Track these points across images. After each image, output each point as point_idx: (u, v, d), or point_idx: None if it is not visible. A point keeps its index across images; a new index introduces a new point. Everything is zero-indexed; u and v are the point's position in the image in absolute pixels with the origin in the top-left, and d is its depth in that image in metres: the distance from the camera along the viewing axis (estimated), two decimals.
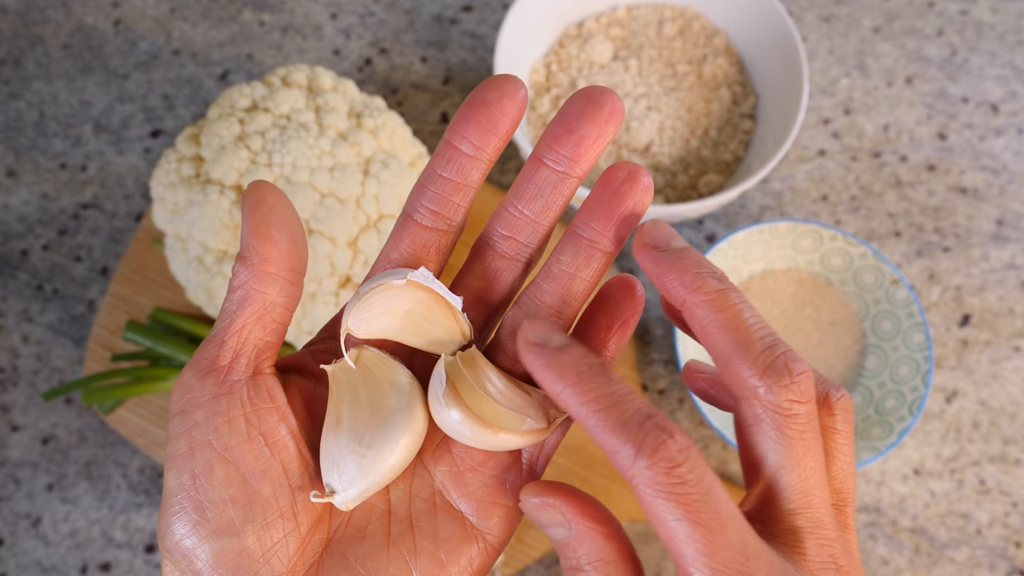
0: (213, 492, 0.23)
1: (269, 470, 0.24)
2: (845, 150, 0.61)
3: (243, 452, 0.23)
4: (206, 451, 0.23)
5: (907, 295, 0.51)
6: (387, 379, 0.25)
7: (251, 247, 0.24)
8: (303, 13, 0.65)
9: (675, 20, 0.59)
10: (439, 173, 0.25)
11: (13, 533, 0.53)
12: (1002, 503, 0.53)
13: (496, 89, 0.24)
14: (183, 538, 0.23)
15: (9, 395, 0.56)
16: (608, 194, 0.24)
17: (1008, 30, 0.64)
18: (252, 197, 0.24)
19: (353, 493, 0.23)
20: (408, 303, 0.25)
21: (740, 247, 0.53)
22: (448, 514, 0.25)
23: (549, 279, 0.25)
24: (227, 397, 0.24)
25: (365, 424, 0.24)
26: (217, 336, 0.24)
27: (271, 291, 0.24)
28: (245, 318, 0.24)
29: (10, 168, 0.61)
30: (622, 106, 0.24)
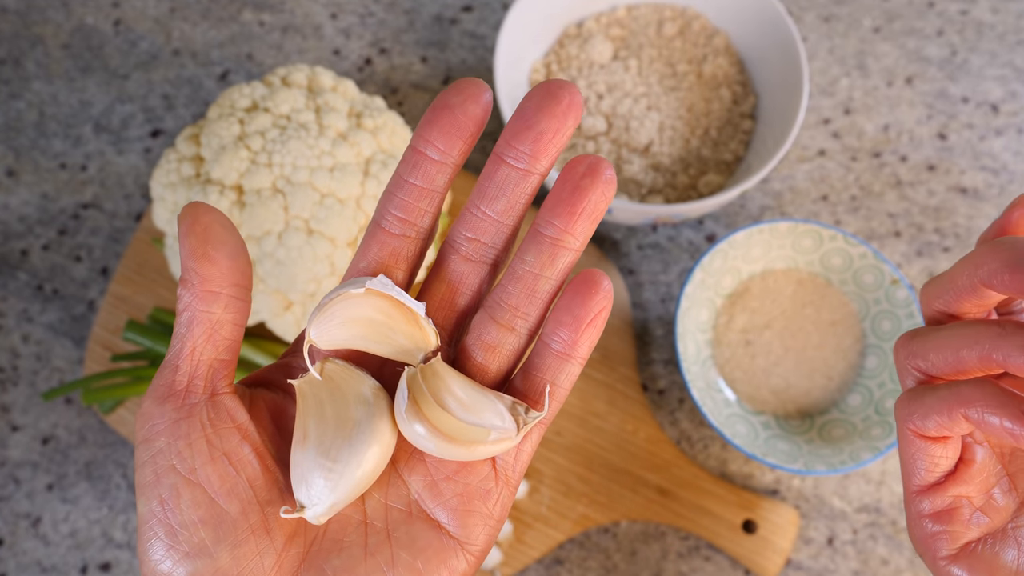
0: (182, 515, 0.23)
1: (235, 488, 0.24)
2: (845, 150, 0.61)
3: (208, 473, 0.23)
4: (171, 476, 0.23)
5: (907, 295, 0.51)
6: (352, 391, 0.25)
7: (190, 269, 0.24)
8: (303, 13, 0.65)
9: (675, 20, 0.59)
10: (406, 179, 0.25)
11: (13, 533, 0.53)
12: None
13: (460, 92, 0.24)
14: (159, 563, 0.23)
15: (9, 395, 0.56)
16: (569, 189, 0.24)
17: (1008, 30, 0.64)
18: (186, 219, 0.24)
19: (322, 508, 0.24)
20: (369, 311, 0.25)
21: (740, 247, 0.53)
22: (425, 523, 0.25)
23: (514, 280, 0.25)
24: (187, 421, 0.24)
25: (332, 438, 0.24)
26: (171, 361, 0.24)
27: (216, 310, 0.24)
28: (195, 340, 0.24)
29: (10, 168, 0.61)
30: (580, 98, 0.24)
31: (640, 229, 0.59)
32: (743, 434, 0.51)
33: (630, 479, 0.53)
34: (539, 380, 0.25)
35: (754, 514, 0.52)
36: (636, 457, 0.53)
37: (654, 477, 0.53)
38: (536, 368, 0.25)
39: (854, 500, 0.54)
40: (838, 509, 0.53)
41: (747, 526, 0.52)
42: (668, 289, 0.58)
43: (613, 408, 0.54)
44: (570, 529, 0.52)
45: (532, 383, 0.25)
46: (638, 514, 0.52)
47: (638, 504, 0.52)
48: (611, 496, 0.52)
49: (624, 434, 0.53)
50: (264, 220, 0.44)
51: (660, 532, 0.53)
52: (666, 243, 0.59)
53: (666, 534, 0.53)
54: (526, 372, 0.25)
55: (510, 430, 0.24)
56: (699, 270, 0.51)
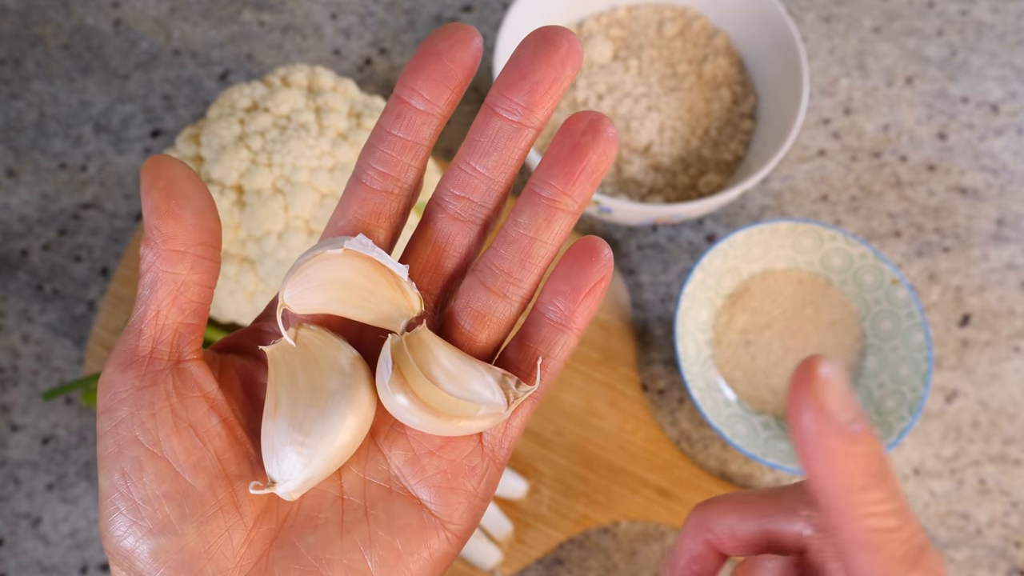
0: (145, 490, 0.22)
1: (202, 462, 0.22)
2: (845, 150, 0.61)
3: (172, 445, 0.22)
4: (134, 448, 0.22)
5: (907, 295, 0.51)
6: (328, 360, 0.23)
7: (153, 227, 0.22)
8: (303, 13, 0.65)
9: (675, 20, 0.59)
10: (388, 131, 0.23)
11: (13, 533, 0.53)
12: (1002, 503, 0.53)
13: (447, 38, 0.22)
14: (121, 539, 0.22)
15: (9, 395, 0.56)
16: (568, 147, 0.22)
17: (1008, 30, 0.64)
18: (149, 173, 0.22)
19: (295, 484, 0.22)
20: (348, 274, 0.23)
21: (740, 247, 0.53)
22: (405, 501, 0.23)
23: (507, 243, 0.23)
24: (151, 389, 0.22)
25: (305, 409, 0.22)
26: (134, 325, 0.23)
27: (181, 270, 0.22)
28: (159, 302, 0.22)
29: (10, 168, 0.61)
30: (579, 46, 0.22)
31: (640, 229, 0.59)
32: (743, 434, 0.51)
33: (630, 479, 0.53)
34: (532, 351, 0.24)
35: None
36: (636, 457, 0.53)
37: (654, 477, 0.53)
38: (530, 338, 0.24)
39: None
40: None
41: None
42: (668, 289, 0.58)
43: (613, 408, 0.54)
44: (570, 529, 0.52)
45: (525, 354, 0.24)
46: (638, 514, 0.52)
47: (638, 504, 0.52)
48: (611, 496, 0.52)
49: (624, 434, 0.53)
50: (264, 220, 0.44)
51: (660, 532, 0.53)
52: (666, 243, 0.59)
53: (666, 534, 0.53)
54: (519, 342, 0.24)
55: (500, 405, 0.23)
56: (699, 270, 0.51)
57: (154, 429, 0.22)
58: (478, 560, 0.50)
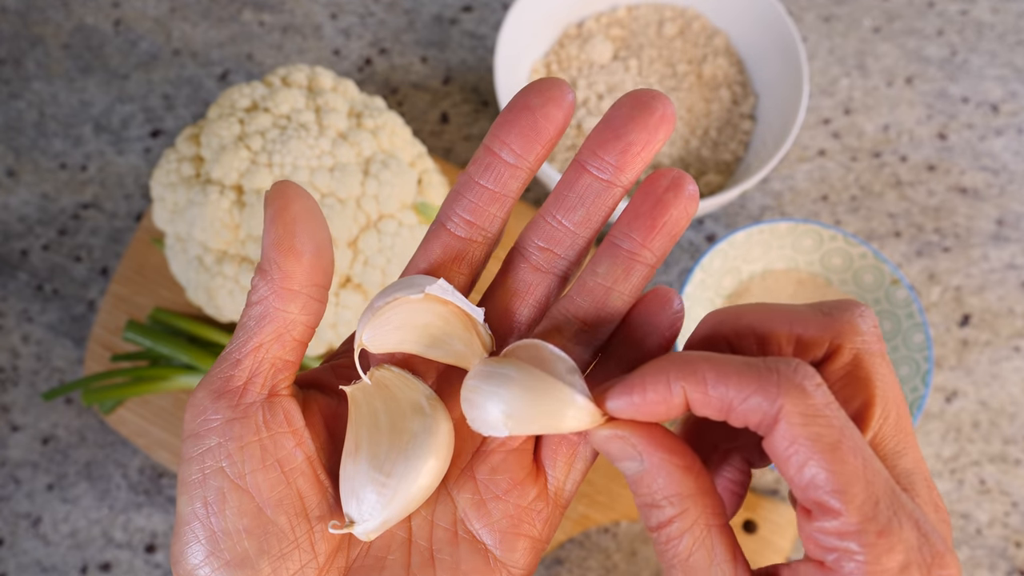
0: (226, 522, 0.22)
1: (285, 499, 0.22)
2: (845, 150, 0.61)
3: (258, 480, 0.22)
4: (219, 478, 0.22)
5: (907, 295, 0.51)
6: (408, 401, 0.23)
7: (272, 261, 0.22)
8: (303, 13, 0.65)
9: (675, 20, 0.59)
10: (477, 181, 0.23)
11: (13, 533, 0.53)
12: (1002, 503, 0.53)
13: (541, 93, 0.22)
14: (197, 568, 0.22)
15: (9, 395, 0.56)
16: (650, 203, 0.23)
17: (1008, 30, 0.64)
18: (276, 202, 0.22)
19: (373, 524, 0.22)
20: (427, 317, 0.23)
21: (740, 247, 0.53)
22: (470, 545, 0.24)
23: (583, 292, 0.24)
24: (241, 421, 0.22)
25: (386, 450, 0.23)
26: (232, 354, 0.23)
27: (292, 309, 0.22)
28: (263, 336, 0.22)
29: (10, 168, 0.61)
30: (674, 111, 0.22)
31: None
32: None
33: None
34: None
35: (754, 514, 0.52)
36: None
37: None
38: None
39: None
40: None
41: (747, 526, 0.52)
42: None
43: None
44: (570, 529, 0.52)
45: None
46: (638, 514, 0.52)
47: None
48: (611, 496, 0.52)
49: None
50: None
51: None
52: None
53: None
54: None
55: (592, 409, 0.22)
56: (699, 270, 0.51)
57: (241, 462, 0.22)
58: None
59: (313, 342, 0.49)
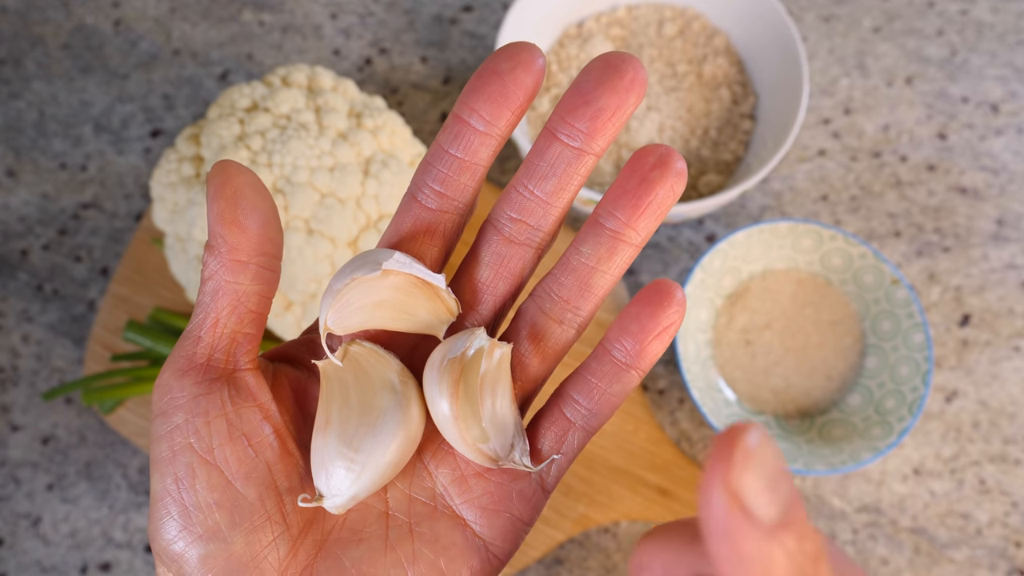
0: (197, 497, 0.22)
1: (254, 472, 0.23)
2: (845, 150, 0.61)
3: (226, 454, 0.22)
4: (187, 454, 0.22)
5: (907, 295, 0.51)
6: (379, 377, 0.23)
7: (218, 235, 0.22)
8: (303, 13, 0.65)
9: (675, 20, 0.59)
10: (446, 150, 0.23)
11: (13, 533, 0.53)
12: (1002, 503, 0.53)
13: (510, 58, 0.22)
14: (172, 542, 0.22)
15: (9, 395, 0.56)
16: (636, 180, 0.22)
17: (1008, 30, 0.64)
18: (217, 179, 0.22)
19: (343, 499, 0.23)
20: (388, 292, 0.23)
21: (740, 247, 0.53)
22: (450, 520, 0.24)
23: (567, 271, 0.23)
24: (207, 397, 0.22)
25: (355, 426, 0.23)
26: (192, 332, 0.23)
27: (243, 280, 0.23)
28: (219, 311, 0.23)
29: (10, 168, 0.61)
30: (645, 74, 0.21)
31: None
32: None
33: (630, 479, 0.53)
34: (594, 386, 0.24)
35: None
36: (636, 457, 0.53)
37: (654, 477, 0.53)
38: (592, 373, 0.24)
39: (854, 500, 0.54)
40: (838, 509, 0.53)
41: None
42: None
43: None
44: (570, 529, 0.52)
45: (585, 387, 0.24)
46: (638, 514, 0.52)
47: (638, 504, 0.52)
48: (611, 496, 0.52)
49: (624, 434, 0.53)
50: None
51: None
52: (666, 243, 0.59)
53: None
54: (581, 375, 0.24)
55: (525, 466, 0.23)
56: (699, 270, 0.51)
57: (208, 437, 0.22)
58: None
59: None
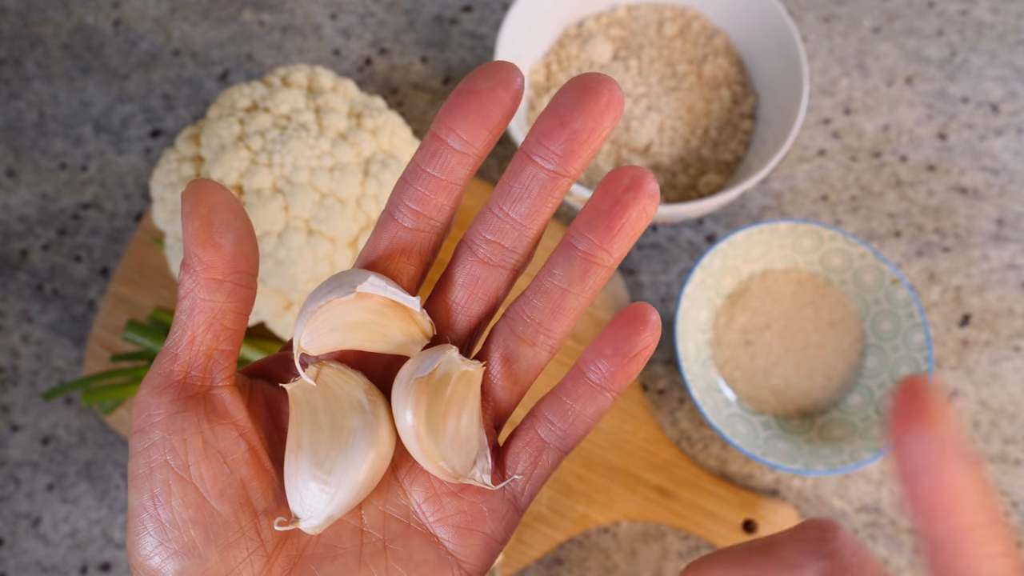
0: (173, 513, 0.22)
1: (228, 489, 0.23)
2: (845, 150, 0.61)
3: (201, 472, 0.23)
4: (164, 471, 0.22)
5: (907, 295, 0.51)
6: (347, 398, 0.24)
7: (192, 254, 0.22)
8: (303, 13, 0.65)
9: (675, 20, 0.59)
10: (423, 169, 0.23)
11: (13, 533, 0.53)
12: (1002, 503, 0.54)
13: (489, 77, 0.22)
14: (148, 558, 0.22)
15: (9, 395, 0.56)
16: (609, 202, 0.22)
17: (1008, 30, 0.64)
18: (191, 199, 0.22)
19: (317, 520, 0.23)
20: (362, 314, 0.23)
21: (740, 247, 0.53)
22: (423, 538, 0.24)
23: (540, 294, 0.24)
24: (183, 415, 0.23)
25: (326, 448, 0.23)
26: (170, 350, 0.23)
27: (218, 298, 0.23)
28: (195, 329, 0.23)
29: (10, 168, 0.61)
30: (621, 95, 0.22)
31: None
32: (743, 434, 0.51)
33: (630, 479, 0.53)
34: (569, 407, 0.24)
35: (754, 514, 0.52)
36: (636, 457, 0.53)
37: (654, 477, 0.53)
38: (567, 394, 0.24)
39: (854, 500, 0.54)
40: (838, 509, 0.53)
41: (747, 526, 0.52)
42: (668, 289, 0.58)
43: (613, 408, 0.54)
44: (570, 529, 0.52)
45: (560, 408, 0.24)
46: (638, 514, 0.52)
47: (638, 504, 0.52)
48: (611, 496, 0.52)
49: (624, 434, 0.53)
50: (264, 220, 0.44)
51: (660, 532, 0.53)
52: (666, 243, 0.59)
53: (666, 534, 0.53)
54: (555, 396, 0.24)
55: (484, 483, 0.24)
56: (699, 270, 0.51)
57: (184, 455, 0.23)
58: None
59: None
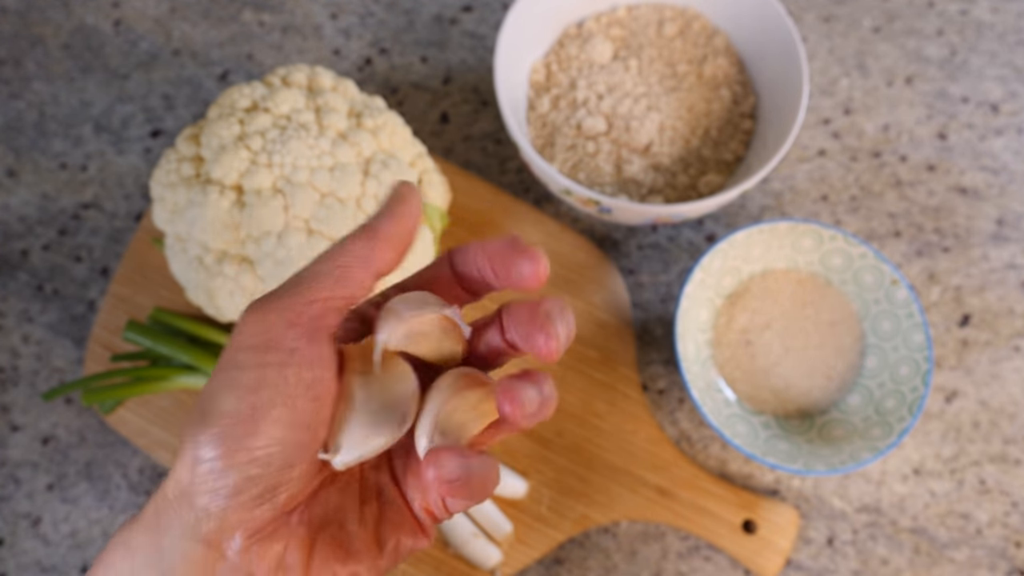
0: (267, 428, 0.25)
1: (312, 425, 0.26)
2: (845, 150, 0.61)
3: (299, 404, 0.25)
4: (271, 391, 0.25)
5: (907, 295, 0.51)
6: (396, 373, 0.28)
7: (377, 248, 0.27)
8: (303, 13, 0.65)
9: (675, 20, 0.59)
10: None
11: (13, 533, 0.53)
12: (1002, 503, 0.53)
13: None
14: (208, 459, 0.24)
15: (9, 395, 0.56)
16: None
17: (1008, 30, 0.64)
18: (407, 203, 0.28)
19: (350, 458, 0.26)
20: (430, 328, 0.28)
21: (740, 247, 0.53)
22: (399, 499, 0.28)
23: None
24: (303, 352, 0.26)
25: (375, 405, 0.27)
26: (309, 292, 0.26)
27: (368, 285, 0.27)
28: (337, 293, 0.26)
29: (10, 168, 0.61)
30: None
31: (640, 229, 0.59)
32: (743, 434, 0.51)
33: (630, 479, 0.53)
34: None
35: (754, 514, 0.52)
36: (636, 457, 0.53)
37: (654, 477, 0.53)
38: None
39: (854, 500, 0.54)
40: (838, 509, 0.53)
41: (747, 526, 0.52)
42: (668, 289, 0.58)
43: (613, 408, 0.54)
44: (570, 529, 0.52)
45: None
46: (638, 514, 0.52)
47: (638, 504, 0.52)
48: (611, 496, 0.52)
49: (624, 434, 0.53)
50: (264, 220, 0.44)
51: (660, 532, 0.53)
52: (666, 243, 0.59)
53: (666, 534, 0.53)
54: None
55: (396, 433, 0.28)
56: (699, 270, 0.51)
57: (294, 385, 0.25)
58: (478, 560, 0.50)
59: None
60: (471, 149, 0.61)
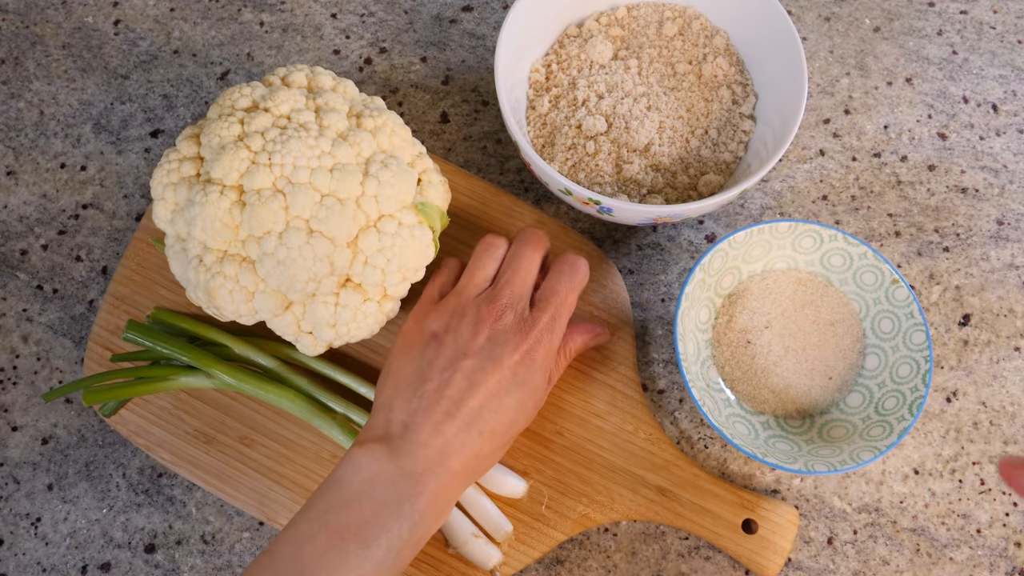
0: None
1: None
2: (845, 150, 0.61)
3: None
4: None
5: (907, 295, 0.51)
6: None
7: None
8: (303, 13, 0.65)
9: (675, 20, 0.59)
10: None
11: (13, 533, 0.53)
12: (1002, 503, 0.53)
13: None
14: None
15: (9, 395, 0.56)
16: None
17: (1008, 30, 0.64)
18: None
19: None
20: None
21: (740, 247, 0.53)
22: None
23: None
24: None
25: None
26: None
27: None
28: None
29: (10, 168, 0.61)
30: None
31: (640, 229, 0.59)
32: (743, 434, 0.51)
33: (630, 479, 0.53)
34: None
35: (754, 514, 0.52)
36: (636, 457, 0.53)
37: (654, 477, 0.53)
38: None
39: (854, 500, 0.54)
40: (838, 509, 0.53)
41: (747, 526, 0.52)
42: (668, 289, 0.58)
43: (613, 408, 0.54)
44: (570, 529, 0.52)
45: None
46: (638, 514, 0.52)
47: (638, 504, 0.52)
48: (611, 496, 0.52)
49: (624, 434, 0.53)
50: (264, 220, 0.44)
51: (660, 532, 0.53)
52: (666, 243, 0.59)
53: (666, 534, 0.53)
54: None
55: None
56: (699, 270, 0.51)
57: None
58: (478, 560, 0.50)
59: (311, 341, 0.49)
60: (471, 149, 0.61)
